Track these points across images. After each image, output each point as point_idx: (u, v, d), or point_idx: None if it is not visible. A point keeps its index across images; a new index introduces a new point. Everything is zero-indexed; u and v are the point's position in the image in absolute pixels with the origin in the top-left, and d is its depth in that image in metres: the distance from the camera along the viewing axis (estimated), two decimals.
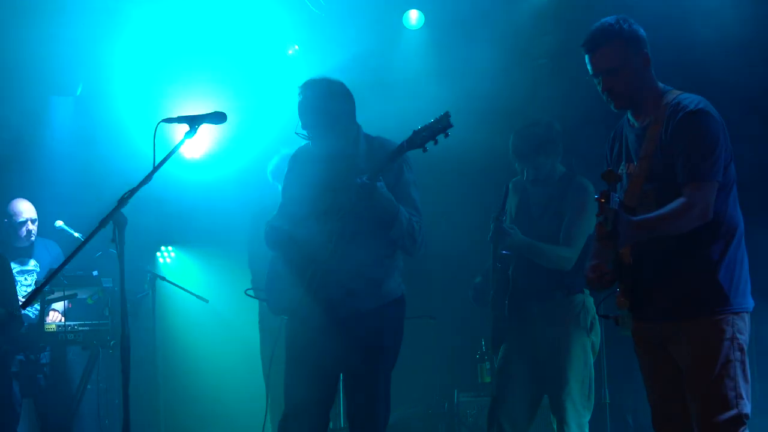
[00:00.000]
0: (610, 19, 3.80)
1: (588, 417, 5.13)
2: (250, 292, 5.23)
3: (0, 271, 6.55)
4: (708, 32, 6.64)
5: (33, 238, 7.27)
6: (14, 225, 7.19)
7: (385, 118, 5.77)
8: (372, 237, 4.53)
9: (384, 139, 4.71)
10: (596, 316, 5.17)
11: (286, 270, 4.63)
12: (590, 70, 3.81)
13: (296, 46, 8.33)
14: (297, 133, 4.61)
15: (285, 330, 4.73)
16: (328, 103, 4.53)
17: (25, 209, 7.21)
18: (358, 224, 4.48)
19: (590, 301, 5.17)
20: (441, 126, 4.27)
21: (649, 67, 3.80)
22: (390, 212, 4.43)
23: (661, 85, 3.83)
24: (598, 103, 4.00)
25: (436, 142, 4.29)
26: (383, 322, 4.58)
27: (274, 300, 4.78)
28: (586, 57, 3.81)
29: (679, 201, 3.55)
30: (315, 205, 4.55)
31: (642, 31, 3.80)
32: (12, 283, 6.72)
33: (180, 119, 4.13)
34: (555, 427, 5.13)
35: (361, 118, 4.71)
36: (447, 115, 4.28)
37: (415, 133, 4.32)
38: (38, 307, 6.90)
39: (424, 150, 4.30)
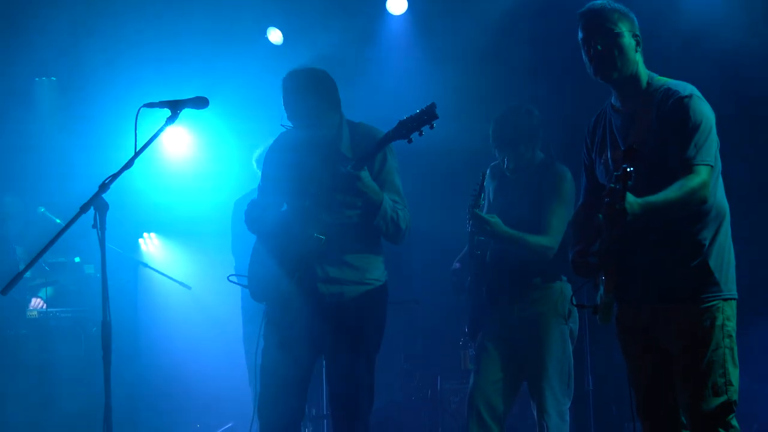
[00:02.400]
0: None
1: (568, 404, 5.12)
2: (233, 278, 5.19)
3: None
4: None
5: None
6: None
7: (367, 105, 5.76)
8: (356, 225, 4.55)
9: (368, 126, 4.71)
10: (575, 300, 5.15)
11: (269, 258, 4.62)
12: (581, 34, 3.79)
13: (279, 33, 8.29)
14: (283, 125, 4.61)
15: (265, 315, 4.72)
16: (312, 93, 4.52)
17: None
18: (342, 212, 4.50)
19: (568, 288, 5.15)
20: (426, 117, 4.24)
21: (639, 50, 3.80)
22: (374, 201, 4.43)
23: (648, 71, 3.83)
24: (579, 89, 4.00)
25: (421, 134, 4.27)
26: (367, 309, 4.59)
27: (255, 287, 4.78)
28: (581, 23, 3.80)
29: (681, 184, 3.51)
30: (295, 191, 4.55)
31: (636, 18, 3.82)
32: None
33: (161, 104, 4.11)
34: (535, 413, 5.13)
35: (343, 105, 4.70)
36: (433, 106, 4.25)
37: (401, 123, 4.29)
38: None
39: (409, 141, 4.29)
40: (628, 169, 3.29)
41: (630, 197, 3.35)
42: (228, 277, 5.15)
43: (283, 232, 4.56)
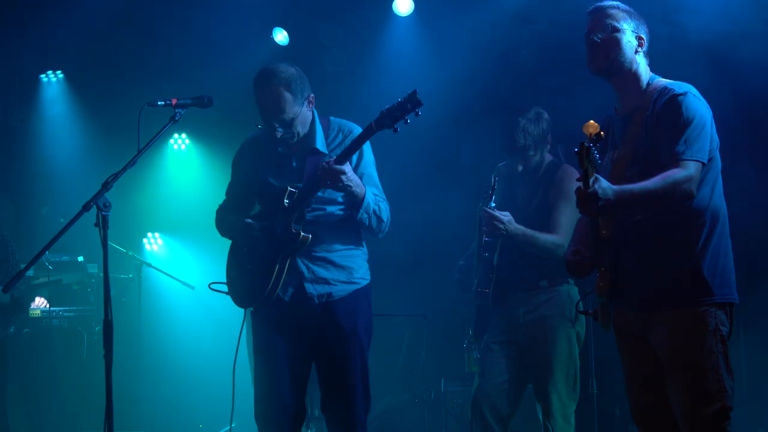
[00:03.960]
0: None
1: (573, 407, 5.10)
2: (215, 286, 4.98)
3: None
4: None
5: None
6: None
7: (371, 105, 5.72)
8: (338, 221, 4.52)
9: (339, 120, 4.67)
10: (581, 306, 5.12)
11: (249, 261, 4.54)
12: (586, 30, 3.83)
13: (285, 34, 8.27)
14: (259, 126, 4.56)
15: (251, 319, 4.66)
16: (283, 90, 4.43)
17: None
18: (323, 209, 4.48)
19: (575, 291, 5.14)
20: (410, 105, 4.13)
21: (642, 50, 3.81)
22: (357, 195, 4.38)
23: (651, 73, 3.83)
24: (587, 90, 3.98)
25: (407, 122, 4.16)
26: (355, 309, 4.55)
27: (236, 293, 4.67)
28: (587, 20, 3.85)
29: (665, 175, 3.48)
30: (271, 192, 4.50)
31: (645, 23, 3.85)
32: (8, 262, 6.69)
33: (165, 103, 4.09)
34: (540, 416, 5.11)
35: (348, 105, 4.66)
36: (414, 93, 4.13)
37: (383, 114, 4.19)
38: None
39: (395, 131, 4.18)
40: (585, 144, 3.27)
41: (603, 182, 3.38)
42: (209, 285, 4.93)
43: (262, 233, 4.48)
